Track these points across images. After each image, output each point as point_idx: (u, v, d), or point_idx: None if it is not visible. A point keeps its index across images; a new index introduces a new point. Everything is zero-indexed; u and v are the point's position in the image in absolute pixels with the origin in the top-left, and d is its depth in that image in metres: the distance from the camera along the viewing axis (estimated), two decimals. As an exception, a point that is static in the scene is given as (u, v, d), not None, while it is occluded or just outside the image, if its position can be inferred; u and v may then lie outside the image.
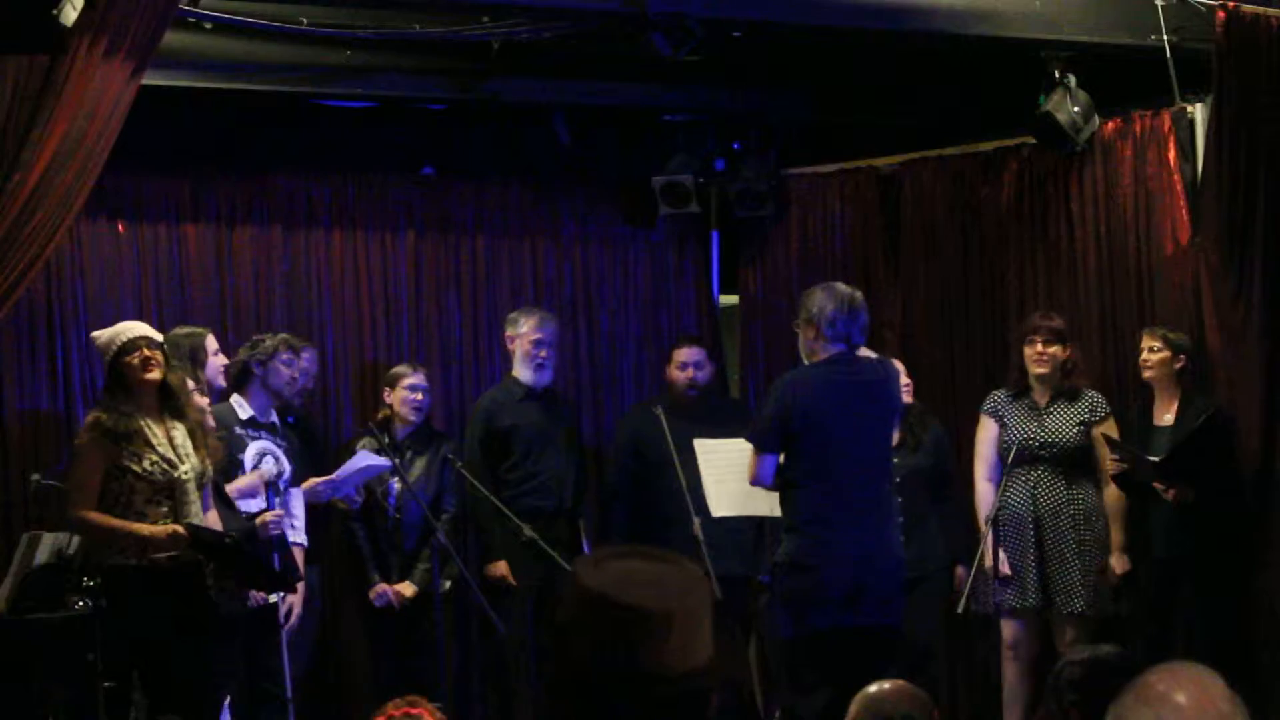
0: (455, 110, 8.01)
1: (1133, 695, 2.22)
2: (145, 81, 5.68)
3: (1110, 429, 6.89)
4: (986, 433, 7.04)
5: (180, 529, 5.77)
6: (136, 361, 5.86)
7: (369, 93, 7.60)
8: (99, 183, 5.80)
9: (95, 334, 6.14)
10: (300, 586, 6.82)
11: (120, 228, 7.50)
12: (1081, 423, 6.91)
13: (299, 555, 6.91)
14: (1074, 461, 6.89)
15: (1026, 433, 6.91)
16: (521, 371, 7.61)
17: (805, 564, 5.91)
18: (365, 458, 7.07)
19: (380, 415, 7.38)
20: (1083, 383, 7.00)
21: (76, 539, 6.17)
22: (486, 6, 6.63)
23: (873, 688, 3.75)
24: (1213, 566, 6.63)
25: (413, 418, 7.34)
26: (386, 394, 7.42)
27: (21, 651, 6.04)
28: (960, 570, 7.08)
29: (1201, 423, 6.57)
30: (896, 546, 6.06)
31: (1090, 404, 6.94)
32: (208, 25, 6.56)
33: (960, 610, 6.86)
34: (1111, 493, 6.87)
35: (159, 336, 6.05)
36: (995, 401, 7.07)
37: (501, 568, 7.33)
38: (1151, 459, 6.57)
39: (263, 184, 7.83)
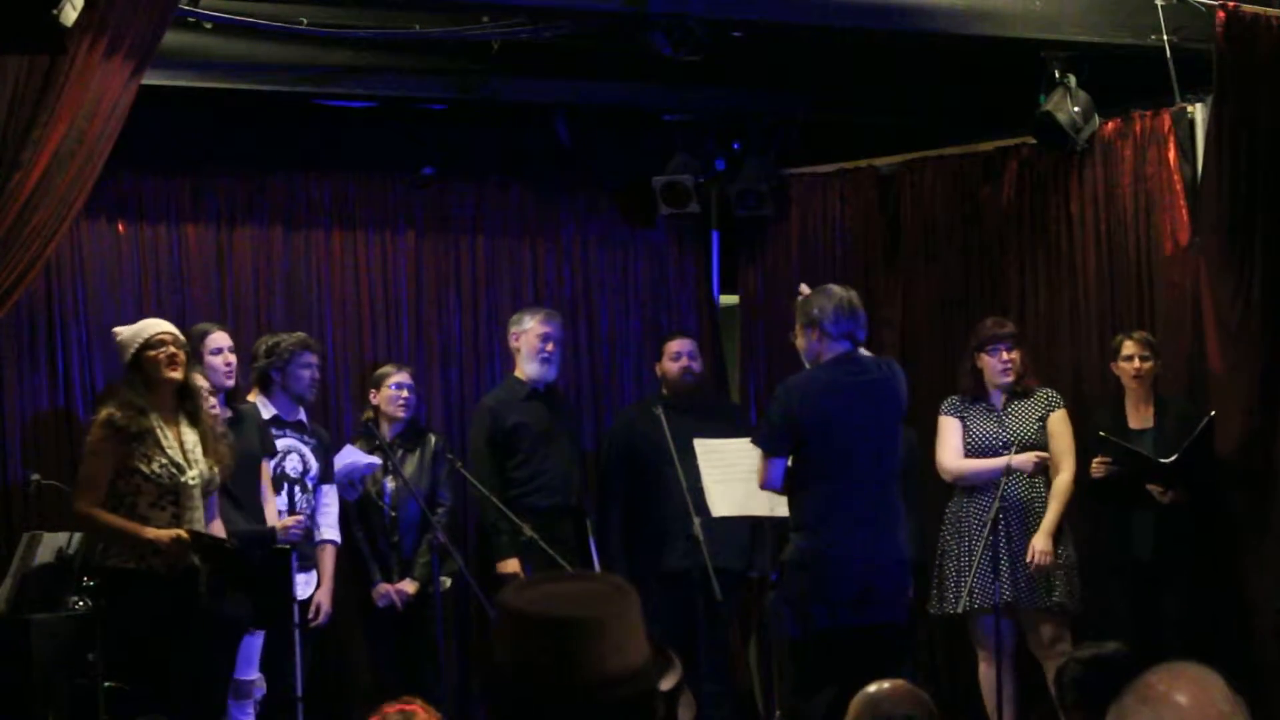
0: (455, 110, 8.00)
1: (1134, 695, 2.22)
2: (145, 81, 5.68)
3: (1062, 420, 6.93)
4: (953, 425, 7.05)
5: (183, 533, 5.76)
6: (161, 358, 5.86)
7: (369, 93, 7.60)
8: (99, 183, 5.80)
9: (117, 329, 6.11)
10: (327, 581, 6.85)
11: (120, 228, 7.49)
12: (1040, 418, 6.96)
13: (330, 551, 6.95)
14: None
15: (988, 433, 6.94)
16: (526, 368, 7.60)
17: (812, 564, 5.91)
18: (350, 453, 7.12)
19: (365, 416, 7.36)
20: (1034, 382, 7.04)
21: (76, 538, 6.18)
22: (486, 6, 6.63)
23: (872, 687, 3.75)
24: (1196, 567, 6.64)
25: (400, 414, 7.33)
26: (373, 395, 7.41)
27: (21, 651, 6.04)
28: None
29: (1204, 427, 6.58)
30: (903, 546, 6.07)
31: (1045, 398, 7.00)
32: (208, 25, 6.55)
33: (961, 609, 6.88)
34: (1062, 480, 6.87)
35: (183, 336, 6.05)
36: (953, 404, 7.11)
37: (513, 565, 7.30)
38: (1162, 461, 6.57)
39: (263, 184, 7.83)
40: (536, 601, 2.15)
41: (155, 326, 5.98)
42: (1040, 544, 6.77)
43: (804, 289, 6.18)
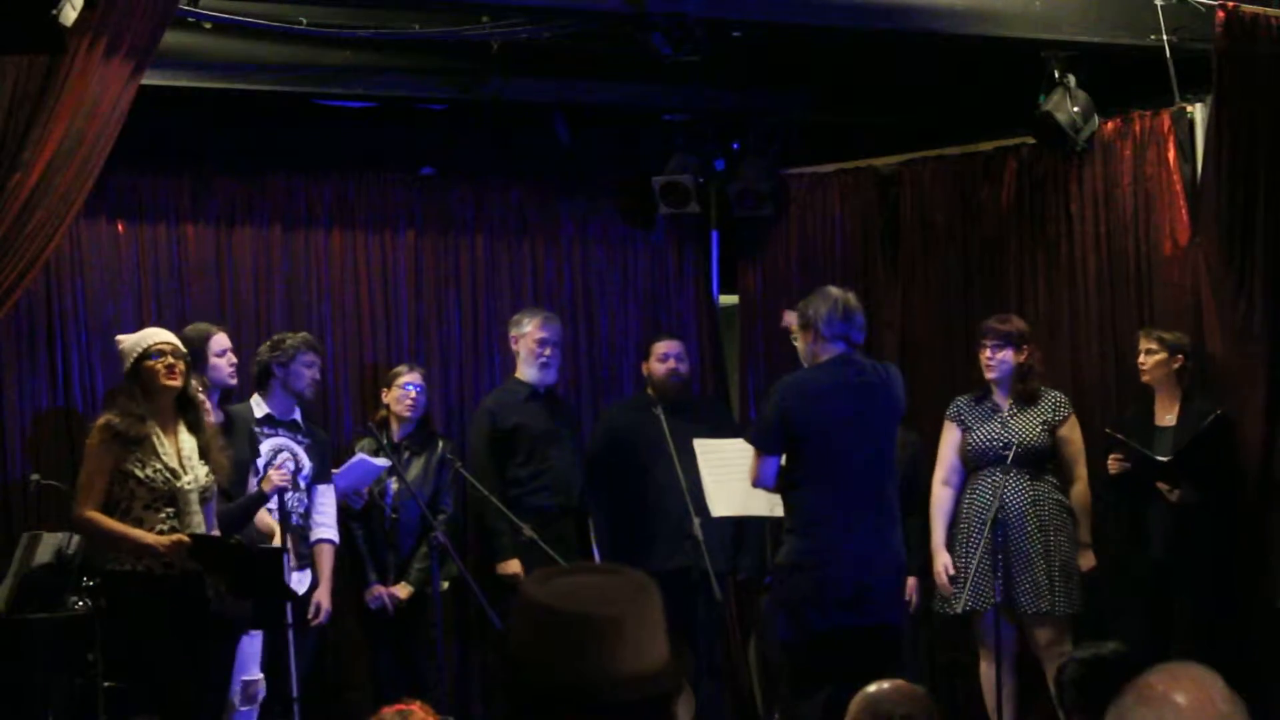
0: (455, 110, 8.00)
1: (1133, 695, 2.22)
2: (145, 81, 5.67)
3: (1073, 428, 6.89)
4: (949, 436, 7.04)
5: (185, 538, 5.77)
6: (160, 367, 5.90)
7: (369, 93, 7.59)
8: (99, 183, 5.80)
9: (120, 338, 6.16)
10: (326, 580, 6.85)
11: (120, 228, 7.49)
12: (1044, 423, 6.89)
13: (328, 550, 6.95)
14: (1038, 462, 6.86)
15: (990, 435, 6.90)
16: (525, 371, 7.61)
17: (807, 565, 5.90)
18: (361, 459, 7.12)
19: (378, 415, 7.40)
20: (1040, 385, 6.97)
21: (76, 539, 6.18)
22: (486, 6, 6.63)
23: (872, 687, 3.75)
24: (1213, 568, 6.63)
25: (408, 414, 7.34)
26: (384, 394, 7.44)
27: (21, 651, 6.04)
28: (912, 581, 6.97)
29: (1208, 425, 6.57)
30: (898, 546, 6.06)
31: (1052, 404, 6.93)
32: (208, 25, 6.56)
33: (961, 609, 6.88)
34: (1078, 490, 6.86)
35: (184, 348, 6.10)
36: (958, 406, 7.07)
37: (514, 565, 7.28)
38: (1159, 459, 6.57)
39: (263, 184, 7.83)
40: (557, 595, 2.11)
41: (155, 336, 6.02)
42: (1085, 564, 6.82)
43: (788, 317, 6.18)
